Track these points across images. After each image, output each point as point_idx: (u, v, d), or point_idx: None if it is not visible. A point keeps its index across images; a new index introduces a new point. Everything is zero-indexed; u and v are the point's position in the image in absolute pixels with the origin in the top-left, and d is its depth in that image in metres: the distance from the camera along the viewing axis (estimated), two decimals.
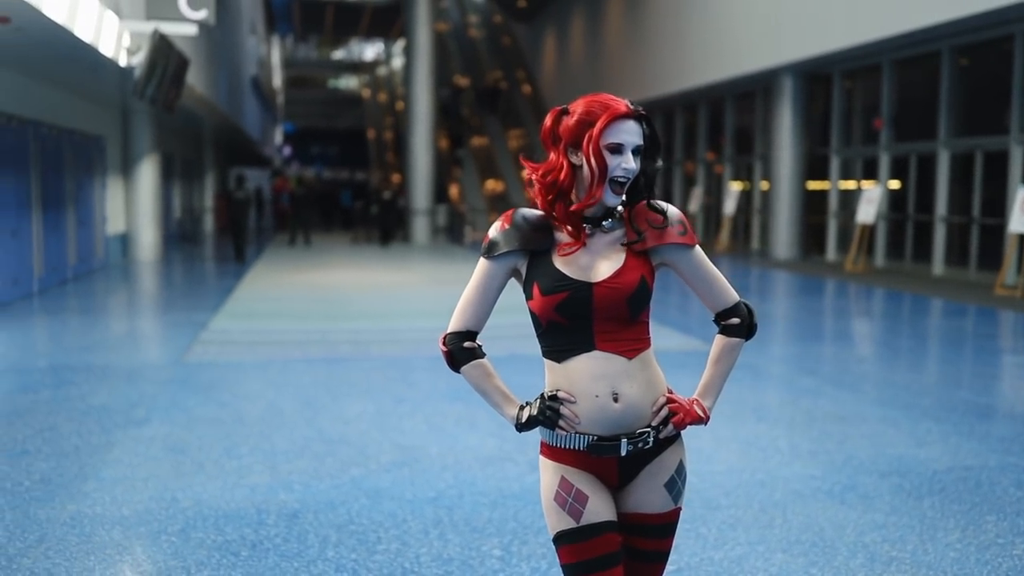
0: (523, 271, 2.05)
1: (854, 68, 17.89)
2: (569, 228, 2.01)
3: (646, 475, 2.07)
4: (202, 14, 12.06)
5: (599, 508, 2.02)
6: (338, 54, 62.16)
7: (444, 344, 2.10)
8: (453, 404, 6.21)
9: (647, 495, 2.07)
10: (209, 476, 4.66)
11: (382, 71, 56.63)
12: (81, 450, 5.08)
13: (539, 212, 2.08)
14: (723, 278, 2.13)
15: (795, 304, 12.26)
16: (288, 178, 37.51)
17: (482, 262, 2.08)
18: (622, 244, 2.03)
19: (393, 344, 8.62)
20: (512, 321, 10.46)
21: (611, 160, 1.96)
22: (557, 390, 2.03)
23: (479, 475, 4.70)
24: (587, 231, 2.02)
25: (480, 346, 2.10)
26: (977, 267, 14.86)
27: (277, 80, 54.83)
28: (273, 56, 51.96)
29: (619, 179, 1.97)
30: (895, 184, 17.17)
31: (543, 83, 34.25)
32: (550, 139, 2.04)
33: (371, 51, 59.99)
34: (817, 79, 18.87)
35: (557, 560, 3.58)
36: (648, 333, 2.07)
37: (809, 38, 16.61)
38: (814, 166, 19.20)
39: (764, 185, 20.39)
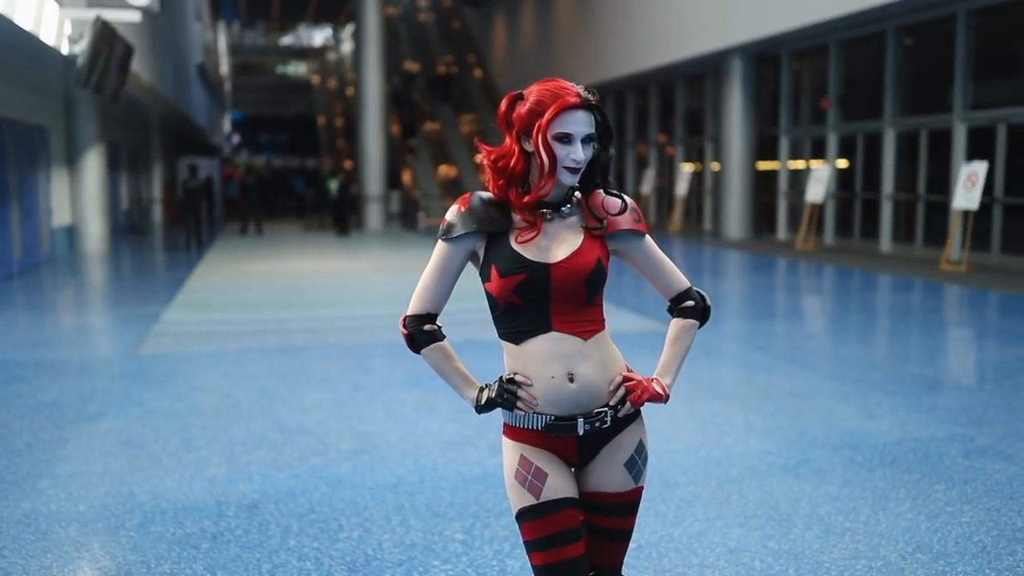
0: (481, 253, 2.06)
1: (802, 49, 18.09)
2: (528, 216, 2.02)
3: (605, 454, 2.10)
4: (145, 0, 11.84)
5: (558, 485, 2.05)
6: (286, 40, 61.39)
7: (404, 327, 2.11)
8: (411, 390, 6.21)
9: (606, 474, 2.10)
10: (166, 469, 4.62)
11: (331, 56, 56.02)
12: (33, 447, 5.00)
13: None
14: (673, 265, 2.18)
15: (747, 283, 12.41)
16: (237, 166, 37.04)
17: (440, 244, 2.08)
18: (583, 228, 2.05)
19: (349, 332, 8.58)
20: (470, 306, 10.48)
21: (560, 150, 1.97)
22: (515, 373, 2.05)
23: (439, 460, 4.72)
24: (547, 215, 2.04)
25: (440, 328, 2.11)
26: (923, 243, 15.17)
27: (224, 67, 54.04)
28: (219, 43, 51.16)
29: (569, 168, 1.99)
30: (843, 163, 17.43)
31: (494, 67, 34.17)
32: (504, 124, 2.05)
33: (320, 36, 59.33)
34: (766, 60, 19.05)
35: (519, 541, 3.62)
36: (603, 315, 2.10)
37: (757, 20, 16.76)
38: (764, 146, 19.42)
39: (715, 166, 20.58)
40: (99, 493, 4.27)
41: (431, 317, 2.11)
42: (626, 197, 2.13)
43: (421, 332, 2.09)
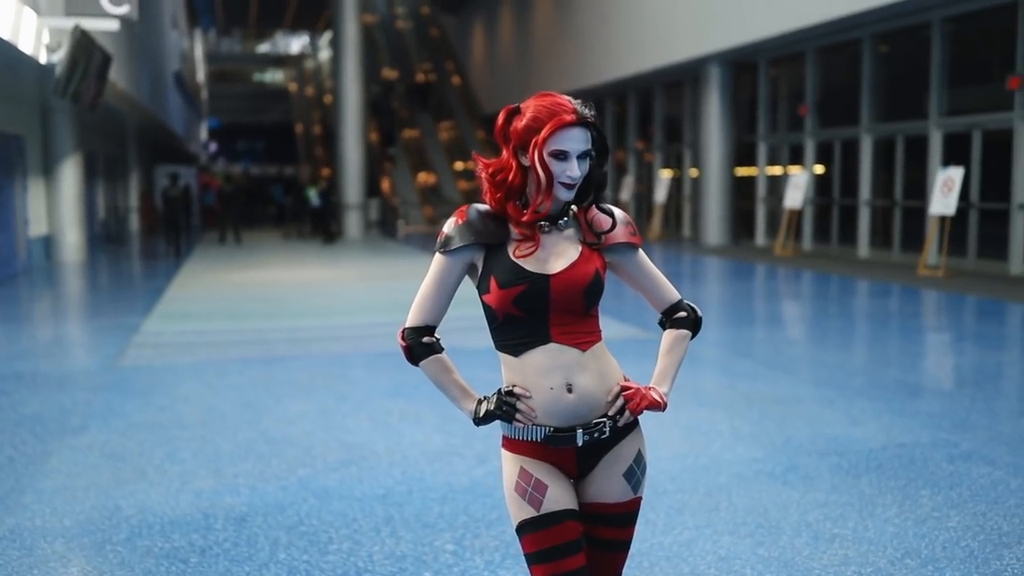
0: (479, 265, 2.07)
1: (779, 56, 18.24)
2: (526, 230, 2.03)
3: (604, 465, 2.10)
4: (124, 9, 11.77)
5: (558, 497, 2.05)
6: (263, 47, 61.20)
7: (402, 339, 2.12)
8: (396, 400, 6.20)
9: (606, 485, 2.10)
10: (152, 483, 4.58)
11: (309, 64, 55.89)
12: (16, 461, 4.95)
13: None
14: (664, 277, 2.20)
15: (727, 289, 12.47)
16: (214, 175, 36.85)
17: (438, 257, 2.09)
18: (581, 242, 2.06)
19: (332, 342, 8.55)
20: (457, 314, 10.46)
21: (556, 167, 1.98)
22: (513, 386, 2.05)
23: (427, 471, 4.71)
24: (544, 227, 2.05)
25: (438, 340, 2.11)
26: (900, 249, 15.30)
27: (200, 75, 53.78)
28: (196, 50, 50.92)
29: (565, 184, 2.00)
30: (820, 169, 17.57)
31: (473, 74, 34.21)
32: (502, 138, 2.06)
33: (297, 44, 59.18)
34: (743, 68, 19.18)
35: (510, 552, 3.62)
36: (599, 326, 2.11)
37: (735, 28, 16.88)
38: (742, 153, 19.54)
39: (694, 172, 20.68)
40: (84, 507, 4.23)
41: (430, 329, 2.11)
42: (617, 211, 2.14)
43: (420, 344, 2.09)
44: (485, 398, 2.09)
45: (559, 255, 2.04)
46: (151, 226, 28.92)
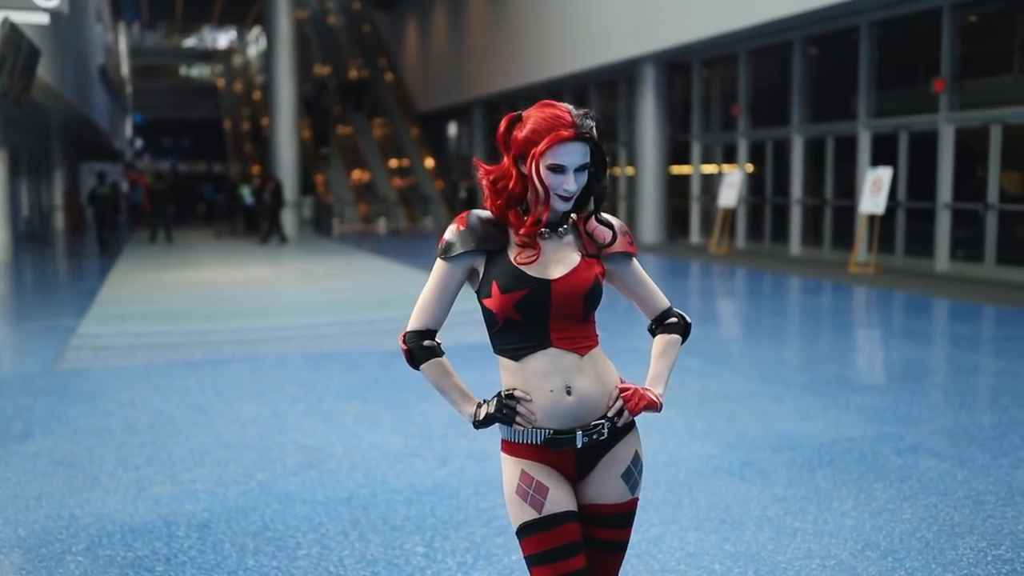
0: (480, 270, 2.09)
1: (712, 57, 18.54)
2: (525, 237, 2.05)
3: (603, 466, 2.14)
4: (54, 2, 11.44)
5: (559, 499, 2.08)
6: (189, 42, 59.95)
7: (404, 342, 2.13)
8: (350, 402, 6.16)
9: (604, 486, 2.14)
10: (107, 490, 4.48)
11: (237, 60, 54.96)
12: None
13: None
14: (655, 285, 2.26)
15: (665, 287, 12.60)
16: (142, 172, 36.02)
17: (439, 263, 2.10)
18: (583, 255, 2.10)
19: (277, 343, 8.45)
20: (403, 314, 10.44)
21: (552, 180, 2.01)
22: (513, 389, 2.08)
23: (389, 473, 4.69)
24: (544, 234, 2.08)
25: (439, 344, 2.13)
26: (831, 246, 15.70)
27: (125, 69, 52.45)
28: (120, 44, 49.65)
29: (562, 196, 2.03)
30: (749, 168, 17.91)
31: (406, 71, 34.03)
32: (503, 145, 2.08)
33: (224, 39, 58.10)
34: (677, 68, 19.45)
35: (482, 553, 3.64)
36: (596, 331, 2.15)
37: (670, 29, 17.11)
38: (676, 152, 19.82)
39: (629, 171, 20.92)
40: (38, 517, 4.13)
41: (431, 333, 2.13)
42: (615, 222, 2.18)
43: (421, 348, 2.11)
44: (485, 401, 2.11)
45: (559, 261, 2.07)
46: (75, 224, 28.16)
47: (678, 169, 19.95)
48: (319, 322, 9.65)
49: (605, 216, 2.16)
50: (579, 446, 2.08)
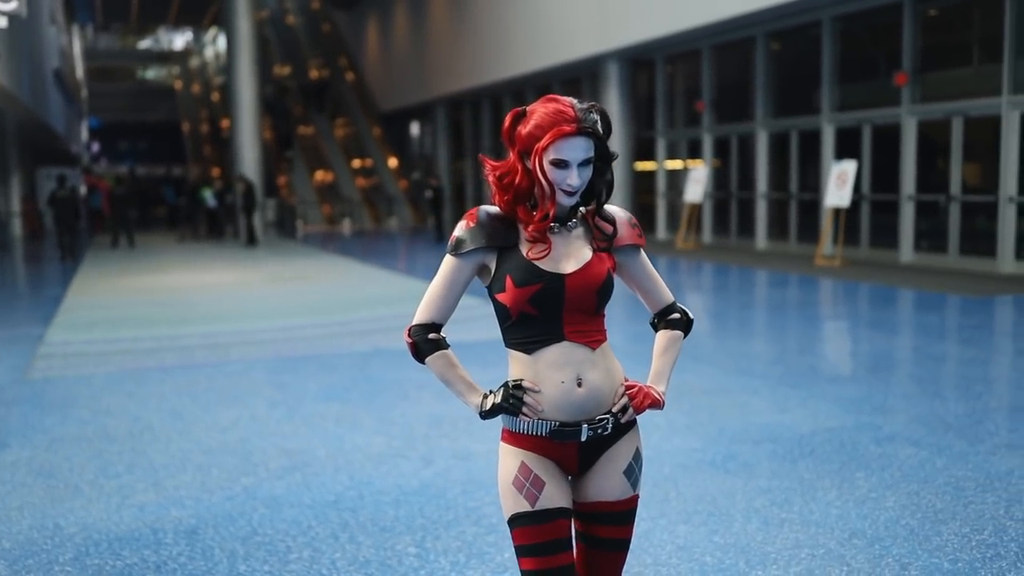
0: (492, 266, 2.09)
1: (675, 54, 18.66)
2: (535, 233, 2.06)
3: (605, 461, 2.15)
4: (12, 5, 11.26)
5: (554, 495, 2.09)
6: (144, 43, 59.17)
7: (409, 335, 2.13)
8: (329, 404, 6.14)
9: (606, 482, 2.15)
10: (89, 499, 4.43)
11: (195, 61, 54.36)
12: None
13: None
14: (661, 279, 2.27)
15: None
16: (101, 176, 35.50)
17: (448, 259, 2.11)
18: (594, 250, 2.11)
19: (251, 346, 8.38)
20: (374, 315, 10.35)
21: (556, 175, 2.01)
22: (521, 380, 2.08)
23: (374, 474, 4.68)
24: (554, 228, 2.08)
25: (444, 338, 2.13)
26: (797, 240, 15.87)
27: (80, 72, 51.67)
28: (74, 47, 48.89)
29: (566, 191, 2.04)
30: (716, 163, 18.06)
31: (367, 71, 33.87)
32: (508, 141, 2.08)
33: (181, 40, 57.42)
34: (641, 65, 19.56)
35: (474, 552, 3.65)
36: (605, 326, 2.16)
37: (633, 26, 17.20)
38: (641, 148, 19.93)
39: None
40: (22, 528, 4.07)
41: (436, 327, 2.13)
42: (621, 213, 2.19)
43: (426, 340, 2.12)
44: (491, 392, 2.11)
45: (572, 255, 2.08)
46: (34, 231, 27.70)
47: (643, 165, 20.06)
48: (291, 325, 9.59)
49: (609, 210, 2.17)
50: (583, 439, 2.09)
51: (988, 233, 12.53)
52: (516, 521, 2.10)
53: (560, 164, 2.00)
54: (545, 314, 2.05)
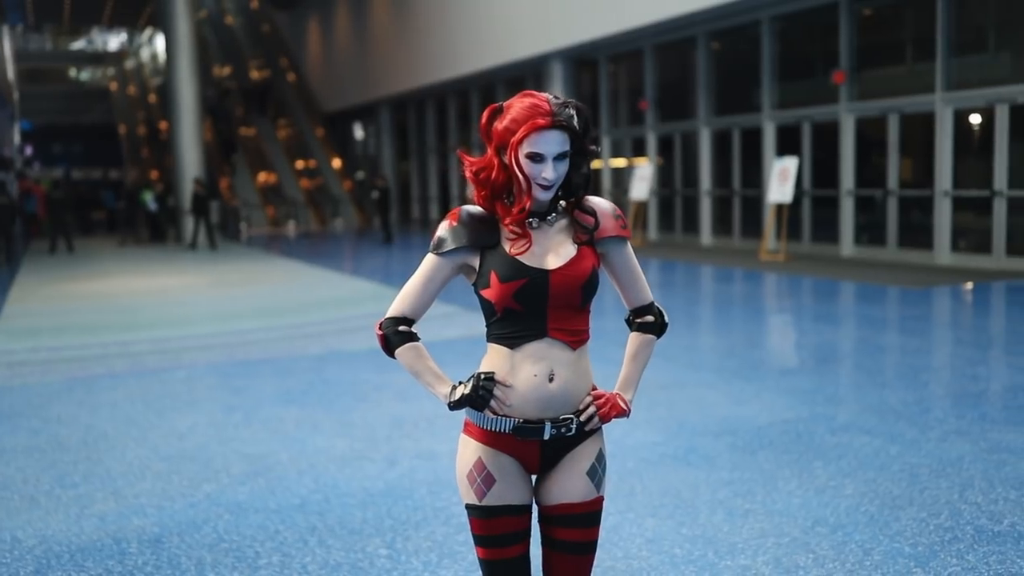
0: (475, 264, 2.10)
1: (618, 53, 18.81)
2: (515, 229, 2.08)
3: (568, 461, 2.15)
4: None
5: (504, 493, 2.12)
6: (78, 44, 57.86)
7: (380, 328, 2.14)
8: (288, 407, 6.09)
9: (568, 483, 2.14)
10: (47, 510, 4.34)
11: (130, 63, 53.30)
12: None
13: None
14: (643, 276, 2.28)
15: None
16: (37, 180, 34.62)
17: (430, 257, 2.11)
18: (575, 243, 2.12)
19: (202, 351, 8.27)
20: (326, 317, 10.26)
21: (531, 169, 2.02)
22: (493, 372, 2.09)
23: (339, 477, 4.67)
24: (532, 224, 2.10)
25: (415, 332, 2.14)
26: (741, 235, 16.12)
27: (11, 74, 50.31)
28: (4, 48, 47.61)
29: (542, 185, 2.05)
30: (660, 161, 18.26)
31: (309, 71, 33.57)
32: (485, 136, 2.10)
33: (116, 41, 56.27)
34: (584, 64, 19.68)
35: (447, 551, 3.66)
36: (588, 324, 2.17)
37: (576, 26, 17.31)
38: None
39: None
40: None
41: (408, 321, 2.14)
42: (606, 202, 2.19)
43: (396, 333, 2.12)
44: (461, 383, 2.12)
45: (554, 250, 2.09)
46: None
47: None
48: (243, 328, 9.48)
49: (592, 202, 2.17)
50: (546, 438, 2.10)
51: (925, 226, 12.87)
52: (468, 510, 2.17)
53: (535, 157, 2.01)
54: (529, 310, 2.06)
